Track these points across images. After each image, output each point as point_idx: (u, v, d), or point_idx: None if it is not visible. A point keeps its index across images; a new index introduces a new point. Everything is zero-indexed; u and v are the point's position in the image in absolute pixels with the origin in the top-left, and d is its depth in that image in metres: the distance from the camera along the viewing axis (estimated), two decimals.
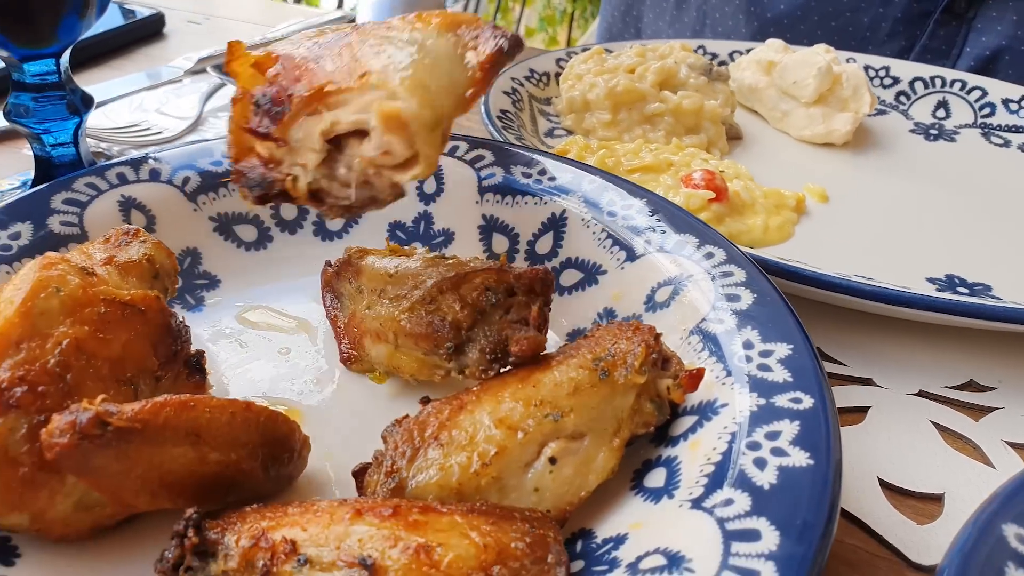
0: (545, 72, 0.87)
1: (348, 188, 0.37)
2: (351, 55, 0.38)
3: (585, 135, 0.80)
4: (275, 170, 0.39)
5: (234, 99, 0.39)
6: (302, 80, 0.38)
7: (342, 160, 0.37)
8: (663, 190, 0.64)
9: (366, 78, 0.36)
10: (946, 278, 0.62)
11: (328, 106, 0.37)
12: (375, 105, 0.35)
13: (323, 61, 0.39)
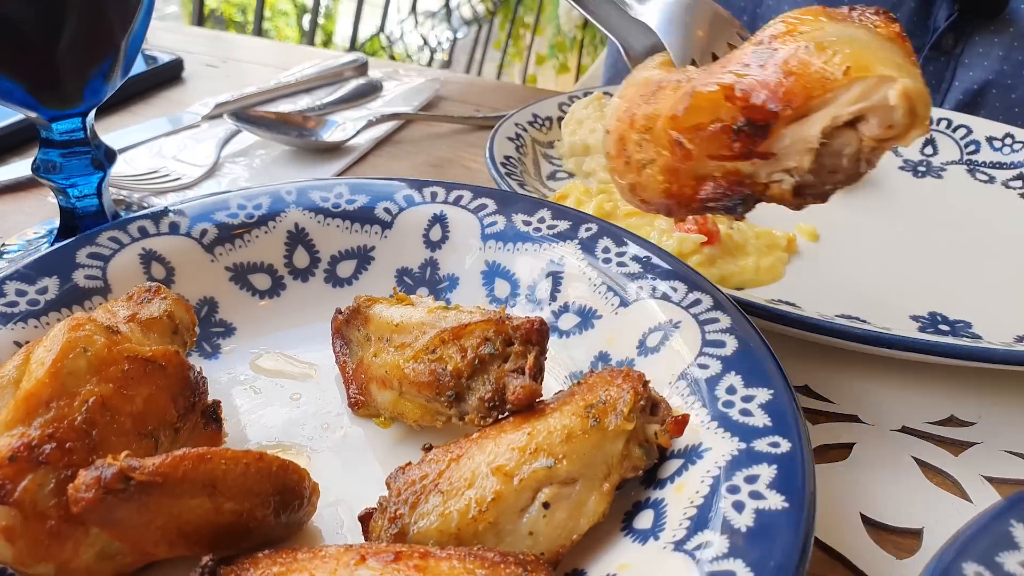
0: (548, 117, 0.90)
1: (836, 174, 0.40)
2: (797, 60, 0.40)
3: (586, 177, 0.83)
4: (750, 184, 0.42)
5: (703, 135, 0.42)
6: (769, 92, 0.39)
7: (827, 152, 0.40)
8: (657, 234, 0.67)
9: (850, 73, 0.38)
10: (928, 316, 0.64)
11: (813, 108, 0.39)
12: (886, 90, 0.38)
13: (768, 69, 0.40)
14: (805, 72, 0.39)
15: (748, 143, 0.40)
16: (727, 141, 0.40)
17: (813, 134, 0.39)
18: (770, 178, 0.42)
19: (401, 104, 1.04)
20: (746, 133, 0.40)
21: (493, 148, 0.77)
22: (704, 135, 0.41)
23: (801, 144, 0.40)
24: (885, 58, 0.39)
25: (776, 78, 0.39)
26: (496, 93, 1.14)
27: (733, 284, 0.66)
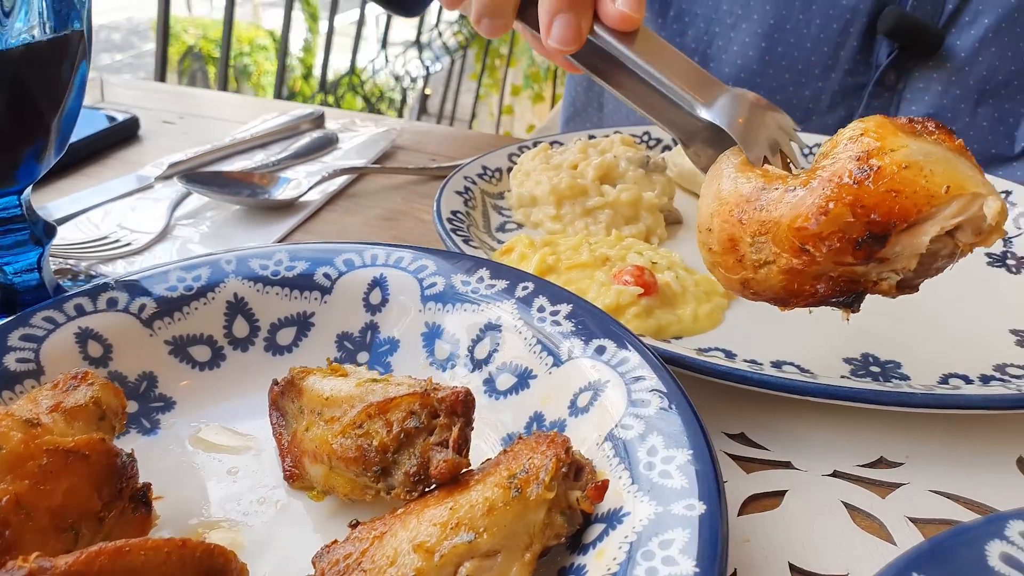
0: (497, 168, 0.92)
1: (931, 269, 0.50)
2: (902, 178, 0.47)
3: (535, 228, 0.84)
4: (863, 283, 0.50)
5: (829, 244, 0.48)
6: (885, 208, 0.46)
7: (928, 254, 0.48)
8: (596, 287, 0.68)
9: (951, 191, 0.46)
10: (861, 357, 0.66)
11: (921, 220, 0.46)
12: (980, 205, 0.46)
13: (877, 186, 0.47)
14: (912, 190, 0.46)
15: (868, 251, 0.47)
16: (851, 249, 0.47)
17: (922, 242, 0.47)
18: (879, 276, 0.49)
19: (356, 157, 1.06)
20: (868, 243, 0.47)
21: (440, 204, 0.79)
22: (830, 244, 0.47)
23: (911, 250, 0.47)
24: (968, 175, 0.47)
25: (890, 196, 0.46)
26: (453, 141, 1.16)
27: (671, 334, 0.67)
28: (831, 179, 0.48)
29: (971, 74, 1.14)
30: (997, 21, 1.10)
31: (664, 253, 0.77)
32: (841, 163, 0.48)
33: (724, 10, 1.20)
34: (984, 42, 1.11)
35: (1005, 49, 1.12)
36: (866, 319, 0.72)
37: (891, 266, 0.48)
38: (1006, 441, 0.59)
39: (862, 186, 0.46)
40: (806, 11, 1.16)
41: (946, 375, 0.64)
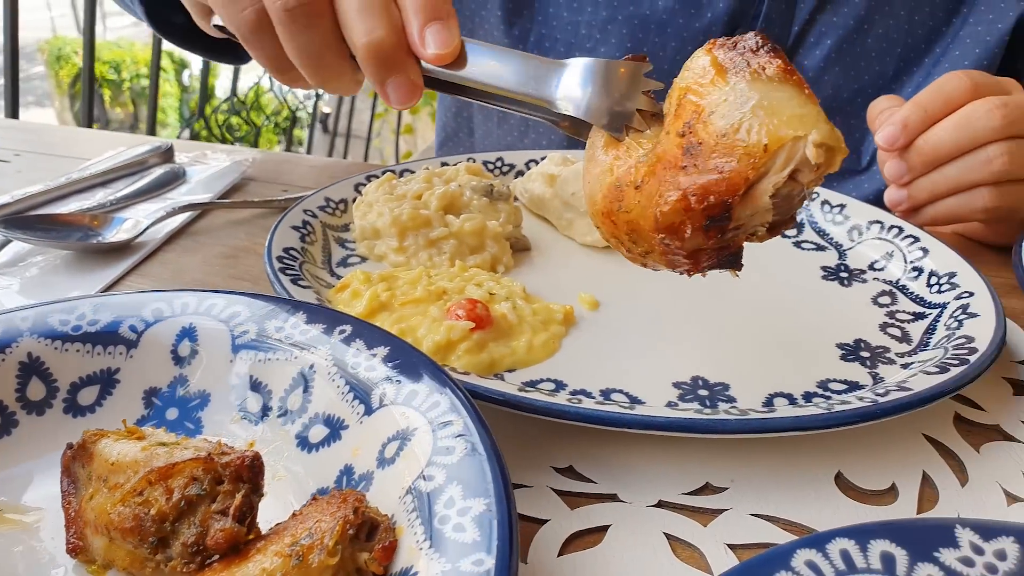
0: (342, 199, 0.90)
1: (792, 205, 0.50)
2: (722, 148, 0.49)
3: (379, 261, 0.83)
4: (735, 245, 0.52)
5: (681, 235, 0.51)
6: (715, 191, 0.49)
7: (779, 200, 0.49)
8: (428, 323, 0.67)
9: (769, 148, 0.47)
10: (691, 381, 0.66)
11: (754, 182, 0.48)
12: (802, 148, 0.47)
13: (702, 168, 0.49)
14: (734, 159, 0.48)
15: (719, 229, 0.50)
16: (702, 233, 0.50)
17: (765, 201, 0.49)
18: (747, 234, 0.52)
19: (203, 191, 1.02)
20: (714, 224, 0.49)
21: (272, 242, 0.76)
22: (681, 235, 0.50)
23: (759, 208, 0.49)
24: (789, 115, 0.47)
25: (714, 176, 0.48)
26: (308, 171, 1.13)
27: (505, 367, 0.67)
28: (664, 165, 0.51)
29: (819, 92, 1.16)
30: (838, 42, 1.15)
31: (506, 283, 0.77)
32: (670, 141, 0.51)
33: (583, 34, 1.21)
34: (828, 61, 1.16)
35: (848, 68, 1.16)
36: (699, 340, 0.73)
37: (748, 227, 0.51)
38: (825, 458, 0.60)
39: (688, 172, 0.49)
40: (661, 34, 1.18)
41: (771, 395, 0.65)
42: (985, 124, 0.84)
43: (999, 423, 0.65)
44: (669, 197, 0.50)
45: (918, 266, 0.82)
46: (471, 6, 1.28)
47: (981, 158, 0.85)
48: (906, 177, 0.89)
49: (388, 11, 0.63)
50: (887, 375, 0.67)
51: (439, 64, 0.62)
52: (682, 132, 0.51)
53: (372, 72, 0.64)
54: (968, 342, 0.67)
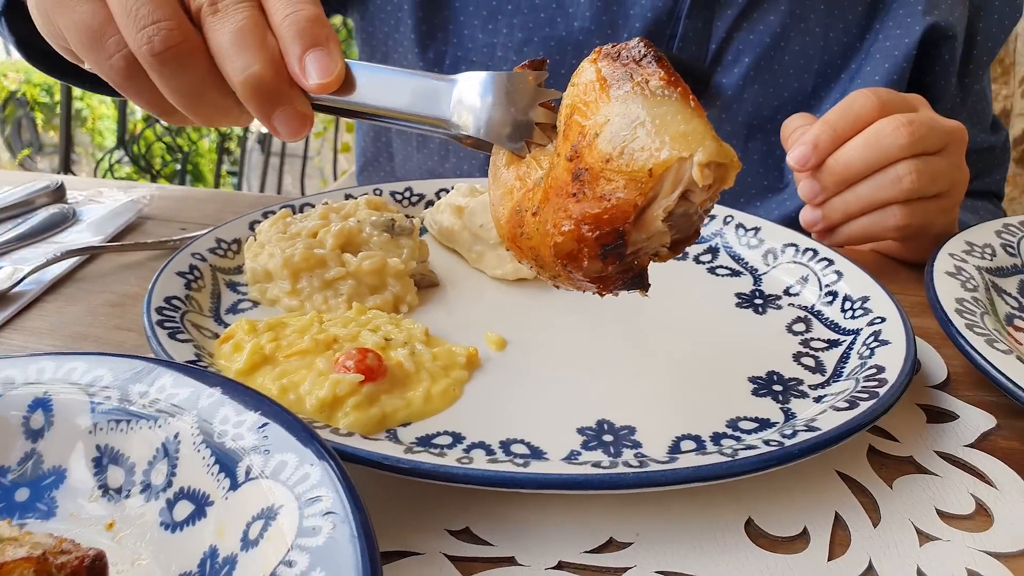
0: (235, 239, 0.85)
1: (692, 222, 0.49)
2: (609, 174, 0.47)
3: (272, 305, 0.78)
4: (639, 266, 0.50)
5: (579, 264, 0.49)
6: (605, 221, 0.47)
7: (676, 220, 0.47)
8: (314, 377, 0.63)
9: (654, 172, 0.45)
10: (596, 425, 0.63)
11: (645, 206, 0.46)
12: (689, 169, 0.44)
13: (591, 196, 0.48)
14: (620, 186, 0.46)
15: (617, 255, 0.48)
16: (600, 261, 0.48)
17: (658, 225, 0.47)
18: (650, 255, 0.50)
19: (95, 233, 0.96)
20: (610, 252, 0.48)
21: (152, 293, 0.71)
22: (579, 262, 0.49)
23: (653, 232, 0.47)
24: (673, 133, 0.45)
25: (603, 204, 0.47)
26: (211, 206, 1.08)
27: (399, 420, 0.62)
28: (556, 191, 0.49)
29: (740, 111, 1.17)
30: (756, 60, 1.13)
31: (407, 325, 0.73)
32: (560, 168, 0.49)
33: (499, 56, 1.18)
34: (747, 79, 1.14)
35: (767, 85, 1.15)
36: (608, 378, 0.70)
37: (648, 249, 0.49)
38: (734, 504, 0.57)
39: (578, 200, 0.47)
40: (578, 55, 1.15)
41: (679, 437, 0.62)
42: (893, 142, 0.83)
43: (912, 454, 0.64)
44: (563, 227, 0.48)
45: (832, 290, 0.80)
46: (384, 29, 1.24)
47: (891, 176, 0.84)
48: (819, 197, 0.88)
49: (264, 43, 0.59)
50: (799, 410, 0.65)
51: (323, 92, 0.59)
52: (570, 156, 0.49)
53: (255, 108, 0.59)
54: (878, 372, 0.65)
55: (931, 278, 0.77)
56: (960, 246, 0.85)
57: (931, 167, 0.85)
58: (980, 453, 0.64)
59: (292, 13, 0.59)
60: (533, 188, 0.54)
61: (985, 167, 1.30)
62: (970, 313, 0.72)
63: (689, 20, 1.12)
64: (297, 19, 0.59)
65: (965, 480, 0.61)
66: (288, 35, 0.59)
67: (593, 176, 0.47)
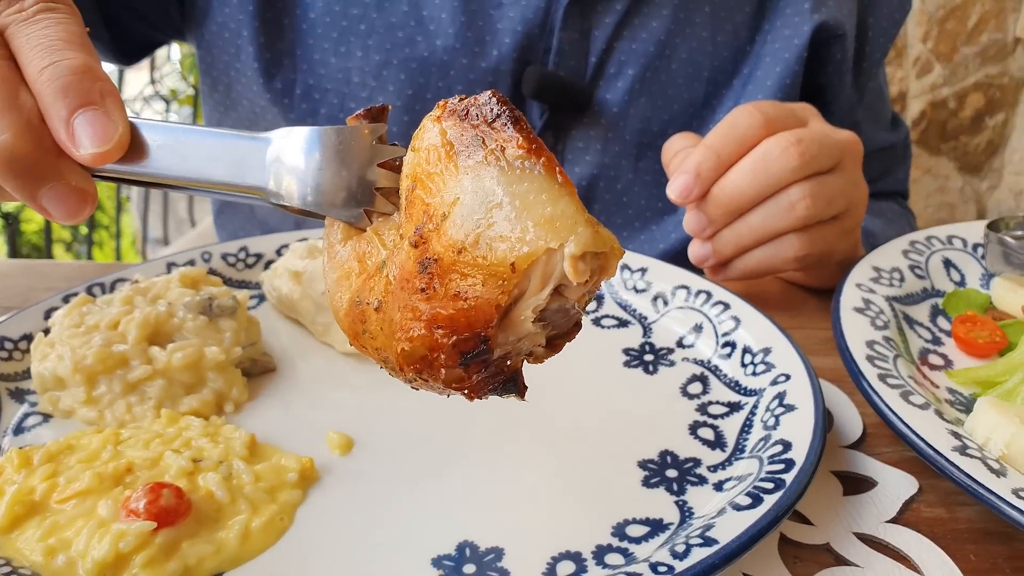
0: (25, 336, 0.70)
1: (570, 316, 0.41)
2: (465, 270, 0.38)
3: (67, 418, 0.64)
4: (509, 366, 0.40)
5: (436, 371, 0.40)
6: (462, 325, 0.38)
7: (552, 312, 0.39)
8: (92, 530, 0.49)
9: (518, 266, 0.37)
10: (456, 551, 0.51)
11: (512, 305, 0.38)
12: (559, 262, 0.37)
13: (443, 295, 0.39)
14: (479, 283, 0.38)
15: (482, 362, 0.39)
16: (461, 369, 0.39)
17: (526, 327, 0.39)
18: (522, 356, 0.41)
19: None
20: (473, 358, 0.39)
21: None
22: (436, 371, 0.40)
23: (525, 333, 0.39)
24: (538, 217, 0.37)
25: (458, 305, 0.38)
26: (18, 281, 0.91)
27: (208, 571, 0.50)
28: (402, 285, 0.40)
29: (626, 129, 1.07)
30: (641, 72, 1.04)
31: (227, 434, 0.60)
32: (404, 255, 0.41)
33: (356, 82, 1.06)
34: (633, 93, 1.05)
35: (654, 99, 1.06)
36: (472, 482, 0.58)
37: (519, 351, 0.41)
38: None
39: (429, 297, 0.39)
40: (444, 77, 1.04)
41: (555, 558, 0.51)
42: (783, 165, 0.74)
43: (829, 540, 0.55)
44: (411, 331, 0.39)
45: (730, 340, 0.71)
46: (223, 58, 1.10)
47: (783, 203, 0.75)
48: (708, 230, 0.78)
49: (14, 103, 0.45)
50: (696, 503, 0.55)
51: (101, 164, 0.46)
52: (415, 242, 0.40)
53: (13, 188, 0.46)
54: (785, 451, 0.55)
55: (838, 318, 0.68)
56: (867, 273, 0.77)
57: (826, 188, 0.76)
58: (903, 529, 0.56)
59: (52, 65, 0.46)
60: (374, 274, 0.43)
61: (888, 166, 1.24)
62: (882, 359, 0.64)
63: (564, 32, 1.02)
64: (59, 71, 0.46)
65: (889, 569, 0.53)
66: (48, 92, 0.46)
67: (443, 269, 0.38)
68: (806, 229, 0.77)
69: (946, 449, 0.54)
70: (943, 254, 0.84)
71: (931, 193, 2.11)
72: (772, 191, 0.75)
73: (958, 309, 0.78)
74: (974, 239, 0.86)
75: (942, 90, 2.00)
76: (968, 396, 0.67)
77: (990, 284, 0.82)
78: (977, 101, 1.98)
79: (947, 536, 0.56)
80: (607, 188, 1.08)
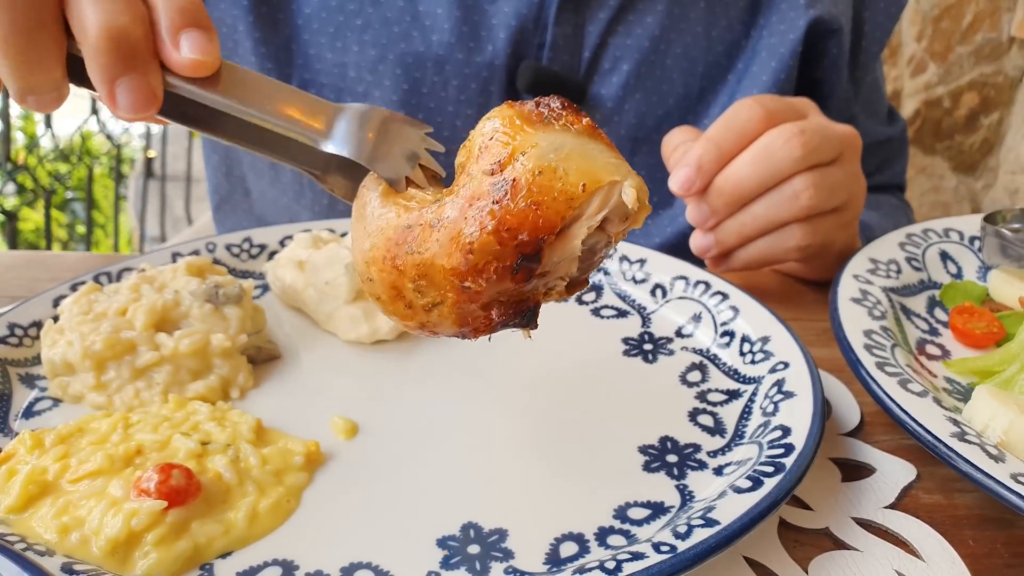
0: (35, 322, 0.71)
1: (592, 263, 0.48)
2: (538, 186, 0.43)
3: (75, 403, 0.64)
4: (533, 299, 0.47)
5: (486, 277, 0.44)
6: (530, 226, 0.43)
7: (586, 252, 0.46)
8: (104, 508, 0.50)
9: (588, 187, 0.44)
10: (461, 532, 0.52)
11: (567, 225, 0.44)
12: (618, 193, 0.44)
13: (517, 202, 0.43)
14: (551, 197, 0.43)
15: (527, 272, 0.45)
16: (510, 276, 0.44)
17: (575, 246, 0.45)
18: (547, 287, 0.47)
19: None
20: (524, 266, 0.44)
21: None
22: (487, 276, 0.44)
23: (568, 255, 0.45)
24: (603, 162, 0.45)
25: (531, 211, 0.43)
26: (25, 272, 0.92)
27: (217, 550, 0.50)
28: (471, 202, 0.45)
29: (621, 123, 1.08)
30: (636, 66, 1.05)
31: (234, 418, 0.61)
32: (476, 182, 0.45)
33: (352, 77, 1.06)
34: (628, 88, 1.05)
35: (650, 94, 1.06)
36: (476, 464, 0.59)
37: (554, 276, 0.47)
38: None
39: (502, 206, 0.43)
40: (440, 72, 1.05)
41: (558, 539, 0.52)
42: (786, 155, 0.75)
43: (828, 525, 0.55)
44: (479, 230, 0.44)
45: (729, 330, 0.72)
46: (222, 52, 1.11)
47: (787, 194, 0.76)
48: (711, 221, 0.79)
49: (132, 2, 0.49)
50: (697, 487, 0.56)
51: (194, 74, 0.50)
52: (491, 171, 0.45)
53: (103, 67, 0.49)
54: (784, 436, 0.56)
55: (836, 308, 0.69)
56: (864, 265, 0.78)
57: (828, 179, 0.77)
58: (902, 515, 0.57)
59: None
60: (431, 207, 0.47)
61: (885, 159, 1.25)
62: (879, 348, 0.65)
63: (558, 27, 1.03)
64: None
65: (888, 553, 0.54)
66: (169, 6, 0.50)
67: (519, 187, 0.44)
68: (808, 220, 0.78)
69: (945, 435, 0.55)
70: (940, 247, 0.85)
71: (925, 192, 2.12)
72: (775, 181, 0.76)
73: (955, 300, 0.79)
74: (971, 232, 0.87)
75: (936, 89, 2.01)
76: (966, 385, 0.68)
77: (987, 276, 0.83)
78: (972, 100, 1.99)
79: (945, 522, 0.56)
80: None
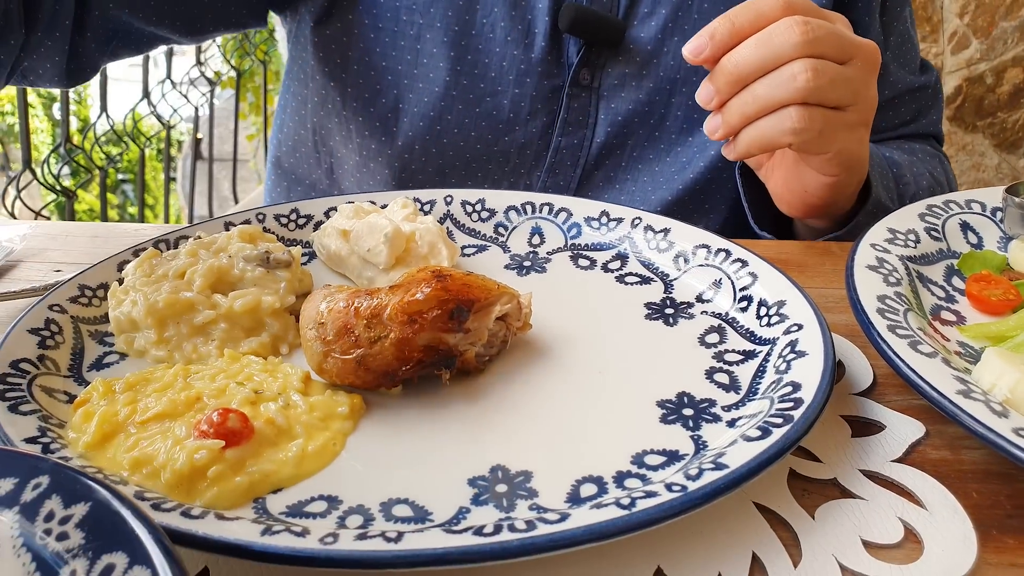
0: (102, 284, 0.77)
1: (493, 348, 0.68)
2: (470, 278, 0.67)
3: (139, 357, 0.70)
4: (455, 350, 0.64)
5: (430, 316, 0.63)
6: (469, 296, 0.65)
7: (491, 333, 0.67)
8: (168, 446, 0.56)
9: (500, 288, 0.68)
10: (489, 473, 0.57)
11: (488, 305, 0.66)
12: (514, 300, 0.69)
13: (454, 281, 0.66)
14: (477, 284, 0.66)
15: (458, 320, 0.63)
16: (447, 318, 0.63)
17: (491, 319, 0.66)
18: (464, 347, 0.65)
19: None
20: (457, 314, 0.63)
21: None
22: (432, 313, 0.63)
23: (482, 326, 0.66)
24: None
25: (465, 287, 0.65)
26: (90, 243, 0.99)
27: (270, 486, 0.56)
28: (422, 280, 0.65)
29: (660, 65, 1.12)
30: (673, 10, 1.09)
31: (285, 370, 0.66)
32: (423, 273, 0.66)
33: (404, 20, 1.12)
34: (666, 32, 1.10)
35: (687, 37, 1.09)
36: (507, 413, 0.64)
37: (472, 336, 0.65)
38: (643, 551, 0.52)
39: (444, 281, 0.64)
40: (488, 14, 1.11)
41: (579, 481, 0.56)
42: (785, 40, 0.78)
43: (836, 476, 0.59)
44: (426, 290, 0.64)
45: (747, 295, 0.75)
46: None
47: (785, 75, 0.79)
48: (716, 100, 0.82)
49: None
50: (710, 438, 0.59)
51: None
52: (434, 272, 0.66)
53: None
54: (794, 391, 0.60)
55: (851, 274, 0.72)
56: (882, 234, 0.81)
57: (829, 69, 0.80)
58: (908, 468, 0.60)
59: None
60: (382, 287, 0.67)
61: (920, 108, 1.26)
62: (892, 312, 0.68)
63: None
64: None
65: (893, 502, 0.57)
66: None
67: (454, 277, 0.65)
68: (806, 104, 0.80)
69: (951, 392, 0.57)
70: (961, 217, 0.87)
71: (966, 170, 2.10)
72: (775, 64, 0.79)
73: (973, 269, 0.81)
74: (993, 203, 0.89)
75: (979, 65, 1.99)
76: (978, 349, 0.70)
77: (1008, 247, 0.84)
78: (1016, 76, 1.97)
79: (951, 476, 0.59)
80: (641, 123, 1.14)
